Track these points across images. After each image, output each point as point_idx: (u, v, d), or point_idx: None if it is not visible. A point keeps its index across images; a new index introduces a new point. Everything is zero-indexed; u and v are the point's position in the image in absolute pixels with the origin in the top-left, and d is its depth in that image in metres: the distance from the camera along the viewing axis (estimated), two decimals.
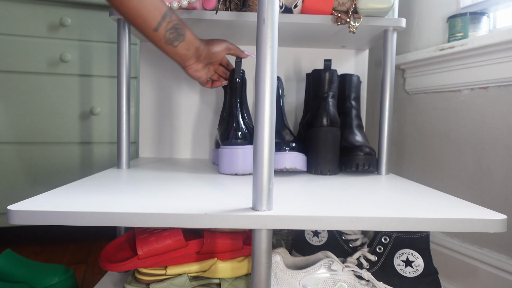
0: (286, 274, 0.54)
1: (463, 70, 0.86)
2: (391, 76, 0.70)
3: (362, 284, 0.55)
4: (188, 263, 0.57)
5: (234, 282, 0.58)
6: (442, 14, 0.96)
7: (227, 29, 0.74)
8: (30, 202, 0.40)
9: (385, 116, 0.71)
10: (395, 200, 0.47)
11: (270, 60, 0.37)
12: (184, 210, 0.39)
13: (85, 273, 0.93)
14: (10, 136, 1.04)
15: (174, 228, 0.58)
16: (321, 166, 0.66)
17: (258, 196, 0.39)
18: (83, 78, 1.10)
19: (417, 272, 0.57)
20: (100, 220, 0.37)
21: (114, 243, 0.62)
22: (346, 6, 0.68)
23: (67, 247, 1.13)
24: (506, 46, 0.75)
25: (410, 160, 1.03)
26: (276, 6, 0.37)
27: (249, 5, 0.70)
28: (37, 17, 1.04)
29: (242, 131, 0.64)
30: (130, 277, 0.59)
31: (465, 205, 0.45)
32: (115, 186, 0.51)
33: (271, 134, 0.38)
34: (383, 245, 0.60)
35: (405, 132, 1.05)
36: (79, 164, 1.11)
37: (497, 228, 0.39)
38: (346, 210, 0.41)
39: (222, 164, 0.64)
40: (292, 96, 0.91)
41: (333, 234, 0.69)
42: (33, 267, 0.77)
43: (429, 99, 0.97)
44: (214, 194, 0.47)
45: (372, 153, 0.67)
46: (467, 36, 0.87)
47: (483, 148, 0.81)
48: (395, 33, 0.70)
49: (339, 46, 0.87)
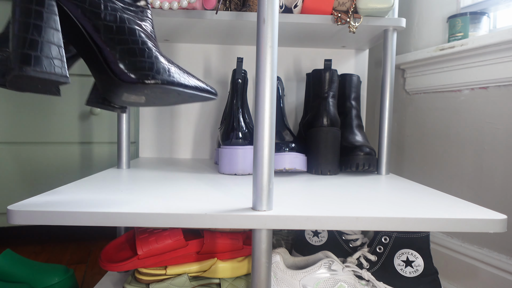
0: (286, 274, 0.54)
1: (463, 70, 0.86)
2: (391, 76, 0.70)
3: (362, 284, 0.55)
4: (188, 263, 0.57)
5: (234, 282, 0.58)
6: (442, 14, 0.96)
7: (227, 29, 0.74)
8: (30, 202, 0.40)
9: (385, 116, 0.71)
10: (395, 200, 0.47)
11: (270, 60, 0.37)
12: (184, 210, 0.39)
13: (85, 273, 0.93)
14: (10, 136, 1.04)
15: (174, 228, 0.58)
16: (322, 166, 0.66)
17: (258, 196, 0.39)
18: (83, 78, 1.10)
19: (417, 272, 0.57)
20: (100, 220, 0.37)
21: (114, 243, 0.62)
22: (346, 6, 0.68)
23: (67, 247, 1.13)
24: (506, 46, 0.75)
25: (410, 160, 1.03)
26: (276, 6, 0.37)
27: (249, 5, 0.70)
28: None
29: (243, 131, 0.64)
30: (130, 277, 0.59)
31: (465, 205, 0.45)
32: (115, 186, 0.51)
33: (271, 134, 0.38)
34: (383, 245, 0.60)
35: (405, 132, 1.05)
36: (79, 164, 1.11)
37: (497, 228, 0.39)
38: (346, 210, 0.41)
39: (222, 164, 0.64)
40: (292, 96, 0.91)
41: (333, 234, 0.69)
42: (33, 267, 0.77)
43: (429, 99, 0.97)
44: (214, 194, 0.47)
45: (372, 153, 0.67)
46: (467, 36, 0.87)
47: (483, 148, 0.81)
48: (395, 33, 0.70)
49: (339, 46, 0.87)
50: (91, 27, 0.38)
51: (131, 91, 0.38)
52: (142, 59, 0.37)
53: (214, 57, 0.90)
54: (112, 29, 0.38)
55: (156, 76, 0.37)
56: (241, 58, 0.68)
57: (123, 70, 0.37)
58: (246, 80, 0.70)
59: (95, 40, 0.38)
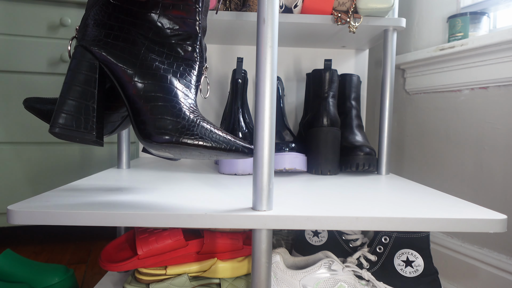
0: (286, 274, 0.54)
1: (463, 70, 0.86)
2: (391, 76, 0.70)
3: (362, 284, 0.55)
4: (188, 263, 0.57)
5: (234, 282, 0.58)
6: (442, 14, 0.96)
7: (227, 29, 0.74)
8: (30, 202, 0.40)
9: (385, 116, 0.71)
10: (395, 200, 0.47)
11: (270, 60, 0.37)
12: (184, 210, 0.39)
13: (85, 273, 0.93)
14: (10, 136, 1.04)
15: (174, 228, 0.58)
16: (322, 166, 0.66)
17: (258, 196, 0.39)
18: None
19: (417, 272, 0.57)
20: (100, 220, 0.37)
21: (114, 243, 0.62)
22: (346, 6, 0.68)
23: (67, 247, 1.13)
24: (506, 46, 0.75)
25: (410, 160, 1.03)
26: (276, 6, 0.37)
27: (249, 5, 0.70)
28: (37, 17, 1.04)
29: (243, 131, 0.64)
30: (130, 277, 0.59)
31: (465, 205, 0.45)
32: (115, 186, 0.51)
33: (271, 134, 0.38)
34: (383, 245, 0.60)
35: (405, 132, 1.05)
36: (79, 164, 1.11)
37: (497, 228, 0.39)
38: (346, 210, 0.41)
39: (222, 164, 0.64)
40: (292, 96, 0.91)
41: (333, 234, 0.69)
42: (33, 267, 0.77)
43: (429, 99, 0.97)
44: (214, 194, 0.47)
45: (372, 153, 0.67)
46: (467, 36, 0.87)
47: (483, 148, 0.81)
48: (395, 33, 0.70)
49: (339, 46, 0.87)
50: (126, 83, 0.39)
51: (156, 149, 0.38)
52: (167, 118, 0.37)
53: (214, 57, 0.90)
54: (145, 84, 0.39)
55: (176, 139, 0.36)
56: (241, 58, 0.68)
57: (148, 130, 0.37)
58: (246, 80, 0.70)
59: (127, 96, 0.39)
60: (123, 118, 0.48)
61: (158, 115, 0.37)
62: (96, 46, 0.39)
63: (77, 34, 0.41)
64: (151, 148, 0.38)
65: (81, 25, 0.41)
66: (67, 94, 0.37)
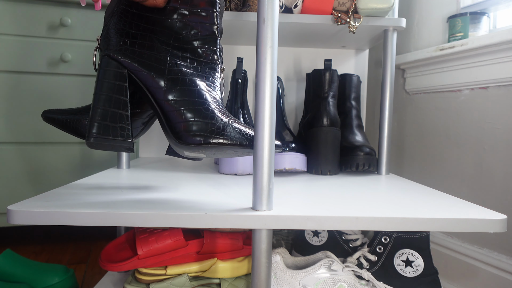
0: (286, 274, 0.54)
1: (463, 70, 0.86)
2: (391, 76, 0.70)
3: (362, 284, 0.55)
4: (188, 263, 0.57)
5: (234, 282, 0.58)
6: (442, 14, 0.96)
7: (227, 29, 0.74)
8: (30, 202, 0.40)
9: (385, 116, 0.71)
10: (395, 200, 0.47)
11: (270, 60, 0.37)
12: (184, 210, 0.39)
13: (85, 273, 0.93)
14: (10, 136, 1.04)
15: (174, 228, 0.58)
16: (322, 166, 0.66)
17: (258, 196, 0.39)
18: (83, 78, 1.10)
19: (417, 272, 0.57)
20: (100, 220, 0.37)
21: (114, 243, 0.62)
22: (346, 6, 0.68)
23: (67, 247, 1.13)
24: (506, 46, 0.75)
25: (410, 160, 1.03)
26: (276, 6, 0.37)
27: (249, 5, 0.70)
28: (37, 17, 1.04)
29: None
30: (130, 277, 0.59)
31: (465, 205, 0.45)
32: (115, 186, 0.51)
33: (271, 134, 0.38)
34: (383, 245, 0.60)
35: (405, 132, 1.05)
36: (79, 164, 1.11)
37: (497, 228, 0.39)
38: (346, 210, 0.41)
39: (222, 164, 0.64)
40: (292, 96, 0.91)
41: (333, 234, 0.69)
42: (33, 267, 0.77)
43: (429, 99, 0.97)
44: (214, 194, 0.47)
45: (372, 153, 0.67)
46: (467, 36, 0.87)
47: (483, 148, 0.81)
48: (395, 33, 0.70)
49: (339, 46, 0.87)
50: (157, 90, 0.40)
51: (190, 151, 0.39)
52: (200, 121, 0.38)
53: None
54: (176, 90, 0.40)
55: (211, 140, 0.38)
56: (241, 58, 0.68)
57: (183, 132, 0.38)
58: (246, 80, 0.70)
59: (159, 102, 0.40)
60: (144, 124, 0.49)
61: (192, 119, 0.38)
62: (122, 55, 0.39)
63: (99, 44, 0.42)
64: (187, 150, 0.39)
65: (103, 35, 0.41)
66: (99, 104, 0.38)
